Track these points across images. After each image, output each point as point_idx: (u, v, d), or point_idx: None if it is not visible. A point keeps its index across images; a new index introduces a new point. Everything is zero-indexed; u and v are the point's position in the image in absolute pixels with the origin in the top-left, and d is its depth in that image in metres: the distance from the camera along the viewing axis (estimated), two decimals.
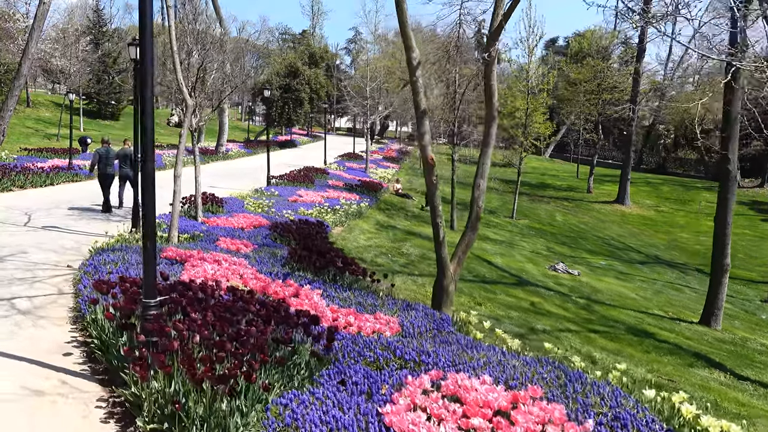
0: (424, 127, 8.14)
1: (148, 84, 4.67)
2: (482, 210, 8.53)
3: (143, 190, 4.77)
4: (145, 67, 4.59)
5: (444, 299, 8.31)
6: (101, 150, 15.52)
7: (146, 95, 4.73)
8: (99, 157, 15.32)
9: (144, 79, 4.64)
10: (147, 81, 4.64)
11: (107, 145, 16.00)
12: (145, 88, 4.71)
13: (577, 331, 10.37)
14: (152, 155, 4.81)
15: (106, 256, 8.64)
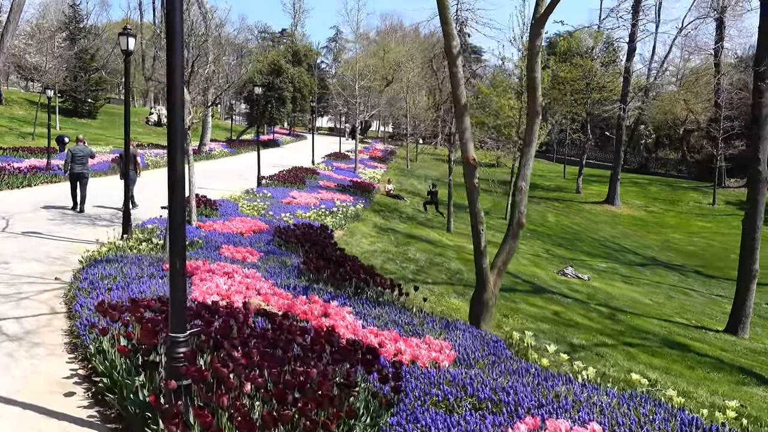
0: (465, 123, 7.31)
1: (176, 80, 3.77)
2: (524, 215, 7.73)
3: (170, 198, 3.86)
4: (173, 62, 3.70)
5: (484, 315, 7.48)
6: (74, 148, 14.69)
7: (175, 85, 3.83)
8: (72, 155, 14.46)
9: (172, 75, 3.75)
10: (175, 77, 3.74)
11: (82, 143, 15.17)
12: (174, 76, 3.80)
13: (613, 345, 9.62)
14: (181, 158, 3.90)
15: (101, 269, 7.65)
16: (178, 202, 3.84)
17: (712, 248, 32.23)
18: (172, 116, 3.85)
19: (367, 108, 36.09)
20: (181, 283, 3.84)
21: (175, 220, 3.83)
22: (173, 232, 3.84)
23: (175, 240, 3.81)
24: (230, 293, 6.74)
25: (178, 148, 3.86)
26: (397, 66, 47.77)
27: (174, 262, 3.81)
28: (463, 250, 18.14)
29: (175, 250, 3.82)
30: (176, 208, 3.83)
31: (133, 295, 6.42)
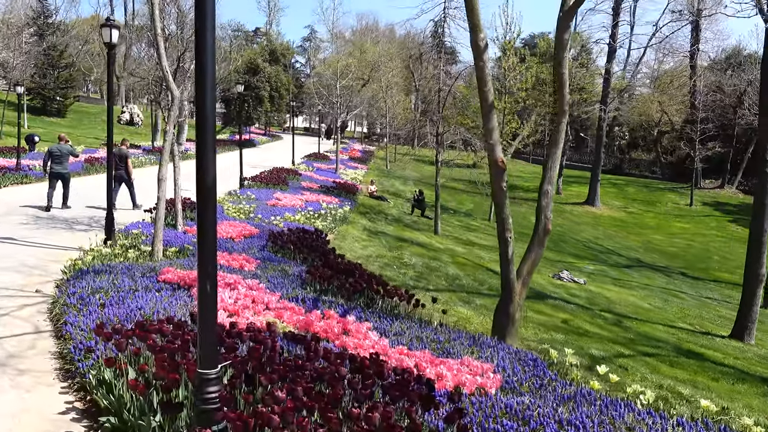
0: (492, 122, 6.78)
1: (207, 75, 3.17)
2: (551, 221, 7.23)
3: (200, 210, 3.24)
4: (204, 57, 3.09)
5: (509, 328, 6.97)
6: (53, 147, 14.32)
7: (206, 83, 3.22)
8: (50, 154, 14.12)
9: (203, 69, 3.14)
10: (206, 71, 3.14)
11: (63, 143, 14.67)
12: (205, 76, 3.19)
13: (631, 355, 9.21)
14: (212, 164, 3.30)
15: (90, 281, 6.93)
16: (210, 220, 3.22)
17: (692, 249, 32.34)
18: (203, 119, 3.24)
19: (349, 108, 35.42)
20: (212, 309, 3.23)
21: (206, 239, 3.21)
22: (204, 250, 3.21)
23: (205, 258, 3.19)
24: (238, 308, 6.10)
25: (208, 150, 3.25)
26: (374, 66, 47.23)
27: (204, 284, 3.19)
28: (456, 254, 17.67)
29: (206, 270, 3.20)
30: (207, 227, 3.21)
31: (130, 311, 5.75)
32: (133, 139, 35.95)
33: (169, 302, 6.19)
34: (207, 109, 3.23)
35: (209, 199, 3.24)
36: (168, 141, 10.10)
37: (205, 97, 3.23)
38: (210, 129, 3.26)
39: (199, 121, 3.25)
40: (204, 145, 3.24)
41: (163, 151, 10.12)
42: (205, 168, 3.23)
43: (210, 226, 3.22)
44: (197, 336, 3.22)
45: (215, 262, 3.25)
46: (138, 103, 55.21)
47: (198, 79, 3.21)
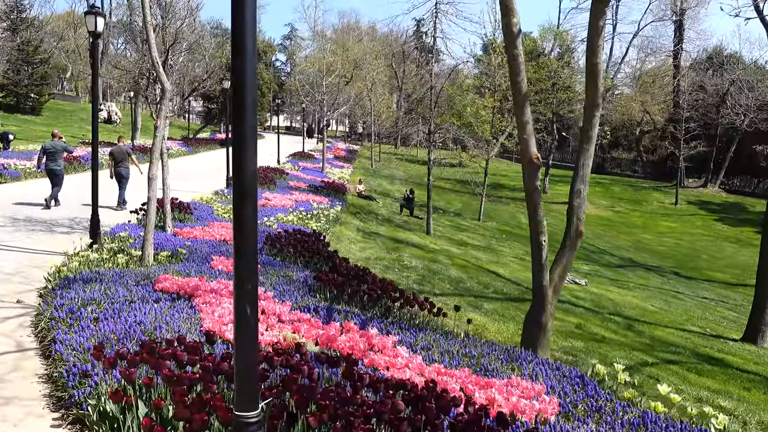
0: (526, 115, 6.23)
1: (247, 47, 2.57)
2: (583, 223, 6.70)
3: (238, 212, 2.64)
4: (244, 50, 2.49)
5: (541, 339, 6.43)
6: (47, 144, 14.01)
7: (246, 54, 2.60)
8: (44, 151, 13.85)
9: (243, 40, 2.53)
10: (246, 41, 2.53)
11: (57, 139, 14.28)
12: (245, 47, 2.58)
13: (655, 363, 8.73)
14: (253, 158, 2.69)
15: (79, 290, 6.24)
16: (250, 225, 2.61)
17: (681, 248, 32.24)
18: (241, 118, 2.63)
19: (334, 106, 34.75)
20: (252, 338, 2.61)
21: (245, 248, 2.60)
22: (242, 262, 2.60)
23: (243, 273, 2.58)
24: None
25: (248, 148, 2.63)
26: (357, 64, 46.59)
27: (242, 307, 2.58)
28: (453, 255, 17.14)
29: (244, 288, 2.59)
30: (247, 234, 2.60)
31: (129, 326, 5.09)
32: (112, 138, 34.89)
33: (171, 315, 5.54)
34: (247, 87, 2.62)
35: (248, 198, 2.63)
36: (159, 137, 9.40)
37: (245, 72, 2.61)
38: (250, 116, 2.65)
39: (238, 119, 2.65)
40: (242, 136, 2.63)
41: (153, 147, 9.41)
42: (245, 163, 2.62)
43: (250, 233, 2.61)
44: (234, 370, 2.60)
45: (256, 278, 2.64)
46: (116, 101, 53.93)
47: (237, 50, 2.60)
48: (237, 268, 2.63)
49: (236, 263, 2.63)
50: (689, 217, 39.84)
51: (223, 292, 6.41)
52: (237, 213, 2.64)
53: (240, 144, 2.64)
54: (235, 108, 2.64)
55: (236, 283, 2.63)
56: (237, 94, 2.61)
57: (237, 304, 2.63)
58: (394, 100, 67.47)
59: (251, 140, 2.66)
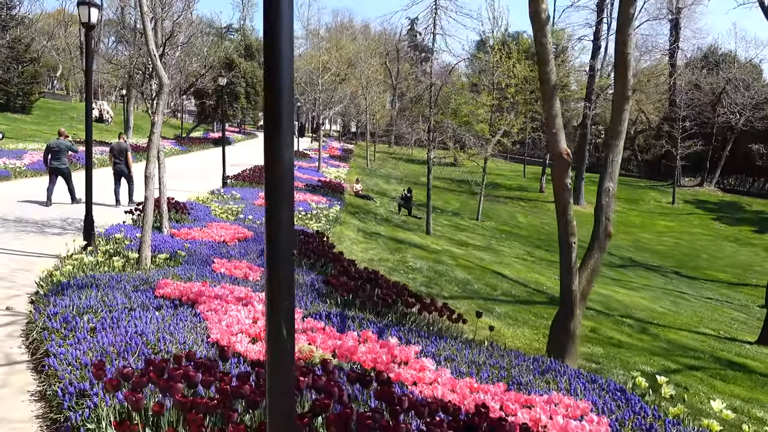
0: (555, 107, 5.83)
1: (283, 74, 2.12)
2: (612, 223, 6.32)
3: (271, 215, 2.19)
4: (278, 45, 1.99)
5: (569, 347, 6.04)
6: (52, 142, 14.02)
7: (281, 44, 2.14)
8: (49, 150, 13.90)
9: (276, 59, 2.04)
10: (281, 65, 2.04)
11: (62, 138, 14.24)
12: (280, 37, 2.12)
13: (678, 370, 8.38)
14: (288, 153, 2.24)
15: (73, 297, 5.78)
16: (286, 237, 2.18)
17: (680, 248, 32.00)
18: (273, 119, 2.18)
19: (330, 104, 34.31)
20: (288, 368, 2.18)
21: (282, 262, 2.17)
22: (277, 281, 2.17)
23: (281, 292, 2.15)
24: (260, 331, 5.05)
25: (284, 136, 2.19)
26: (351, 63, 46.15)
27: (277, 329, 2.14)
28: (456, 256, 16.75)
29: (279, 302, 2.16)
30: (283, 247, 2.17)
31: (129, 338, 4.65)
32: (104, 137, 34.30)
33: (174, 324, 5.10)
34: (284, 69, 2.18)
35: (284, 198, 2.20)
36: (156, 133, 8.95)
37: (280, 57, 2.17)
38: (286, 106, 2.21)
39: (272, 117, 2.20)
40: (278, 128, 2.19)
41: (151, 144, 8.96)
42: (280, 154, 2.18)
43: (286, 240, 2.18)
44: (266, 403, 2.17)
45: (293, 293, 2.21)
46: (107, 100, 53.26)
47: (270, 41, 2.15)
48: (271, 281, 2.19)
49: (270, 276, 2.19)
50: (687, 216, 39.65)
51: (229, 298, 5.97)
52: (271, 215, 2.20)
53: (274, 130, 2.21)
54: (268, 86, 2.20)
55: (270, 298, 2.19)
56: (272, 68, 2.18)
57: (271, 325, 2.19)
58: (387, 99, 67.06)
59: (287, 124, 2.24)
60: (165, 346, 4.55)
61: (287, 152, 2.25)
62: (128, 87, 35.98)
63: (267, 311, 2.24)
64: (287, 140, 2.24)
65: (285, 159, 2.24)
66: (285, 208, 2.22)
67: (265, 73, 2.29)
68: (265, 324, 2.27)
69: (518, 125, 29.91)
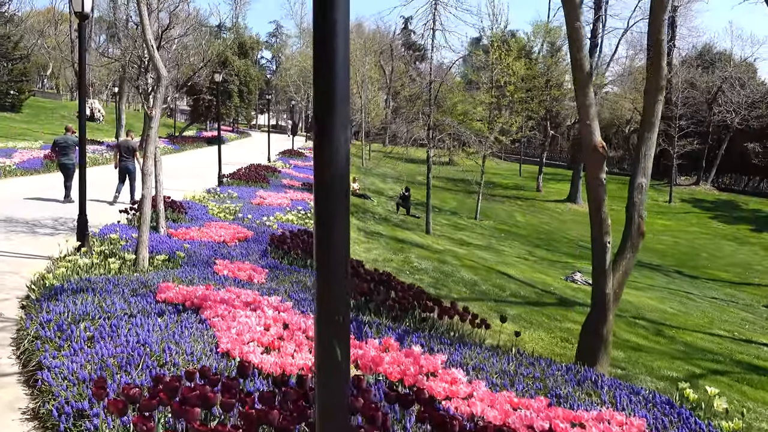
0: (589, 97, 5.44)
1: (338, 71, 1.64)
2: (644, 221, 5.94)
3: (321, 221, 1.79)
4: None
5: (601, 354, 5.66)
6: (59, 138, 14.15)
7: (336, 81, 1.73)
8: (56, 145, 14.09)
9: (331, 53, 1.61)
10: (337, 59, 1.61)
11: (69, 134, 14.12)
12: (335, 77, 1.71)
13: (702, 374, 8.03)
14: (344, 148, 1.82)
15: (68, 302, 5.34)
16: (340, 246, 1.77)
17: (680, 247, 31.76)
18: (327, 118, 1.77)
19: None
20: (343, 393, 1.78)
21: (335, 275, 1.77)
22: (330, 296, 1.77)
23: (334, 307, 1.75)
24: (273, 339, 4.63)
25: (338, 124, 1.78)
26: None
27: (330, 349, 1.75)
28: (459, 256, 16.37)
29: (334, 326, 1.76)
30: (337, 257, 1.77)
31: (131, 348, 4.22)
32: (95, 135, 33.71)
33: (179, 332, 4.68)
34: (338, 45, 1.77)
35: (338, 207, 1.79)
36: (154, 128, 8.50)
37: (335, 30, 1.76)
38: (339, 130, 1.80)
39: (325, 114, 1.79)
40: (332, 118, 1.78)
41: (148, 140, 8.52)
42: (335, 154, 1.77)
43: (340, 250, 1.78)
44: None
45: (347, 308, 1.80)
46: (99, 99, 52.58)
47: (323, 34, 1.74)
48: (322, 295, 1.79)
49: (320, 289, 1.79)
50: (684, 215, 39.47)
51: (236, 303, 5.56)
52: (322, 224, 1.80)
53: (328, 131, 1.79)
54: (320, 72, 1.79)
55: (321, 315, 1.79)
56: (325, 57, 1.77)
57: (321, 345, 1.79)
58: (382, 98, 66.66)
59: (342, 119, 1.82)
60: (171, 358, 4.13)
61: (340, 153, 1.83)
62: (120, 84, 35.41)
63: (317, 331, 1.84)
64: (344, 140, 1.82)
65: (339, 160, 1.82)
66: (339, 217, 1.81)
67: (317, 70, 1.85)
68: (315, 345, 1.87)
69: (517, 123, 29.55)
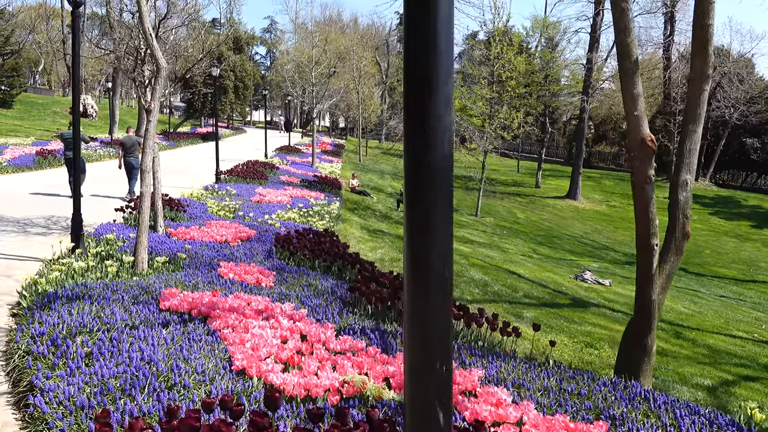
0: (637, 86, 4.97)
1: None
2: (689, 221, 5.51)
3: (415, 231, 1.31)
4: None
5: (644, 366, 5.22)
6: (65, 133, 14.25)
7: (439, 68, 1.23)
8: (63, 140, 14.32)
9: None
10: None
11: None
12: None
13: (735, 381, 7.61)
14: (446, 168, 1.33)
15: (62, 312, 4.85)
16: (441, 255, 1.31)
17: None
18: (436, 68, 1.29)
19: (325, 97, 33.32)
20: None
21: (434, 305, 1.30)
22: (419, 333, 1.30)
23: (429, 354, 1.29)
24: (291, 354, 4.16)
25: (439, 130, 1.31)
26: (341, 56, 45.13)
27: (428, 408, 1.30)
28: (466, 255, 15.93)
29: (429, 381, 1.30)
30: (439, 270, 1.30)
31: (135, 367, 3.75)
32: (88, 131, 33.05)
33: (188, 346, 4.20)
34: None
35: (440, 213, 1.32)
36: (153, 122, 8.00)
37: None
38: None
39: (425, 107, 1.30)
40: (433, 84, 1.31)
41: (147, 134, 8.02)
42: (430, 152, 1.30)
43: (442, 259, 1.31)
44: None
45: (450, 353, 1.34)
46: (92, 94, 51.84)
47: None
48: (415, 332, 1.34)
49: (412, 324, 1.35)
50: None
51: (246, 312, 5.09)
52: (416, 234, 1.34)
53: (425, 119, 1.32)
54: (416, 32, 1.31)
55: (413, 360, 1.34)
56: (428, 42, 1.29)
57: (414, 403, 1.34)
58: (378, 94, 66.10)
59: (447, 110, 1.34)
60: (180, 378, 3.66)
61: (443, 142, 1.37)
62: (113, 80, 34.77)
63: (409, 383, 1.38)
64: (444, 136, 1.36)
65: (443, 150, 1.36)
66: (441, 230, 1.35)
67: (409, 50, 1.38)
68: (407, 402, 1.41)
69: (518, 119, 29.08)
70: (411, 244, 1.31)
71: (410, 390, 1.31)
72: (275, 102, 79.41)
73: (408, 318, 1.31)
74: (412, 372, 1.32)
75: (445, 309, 1.31)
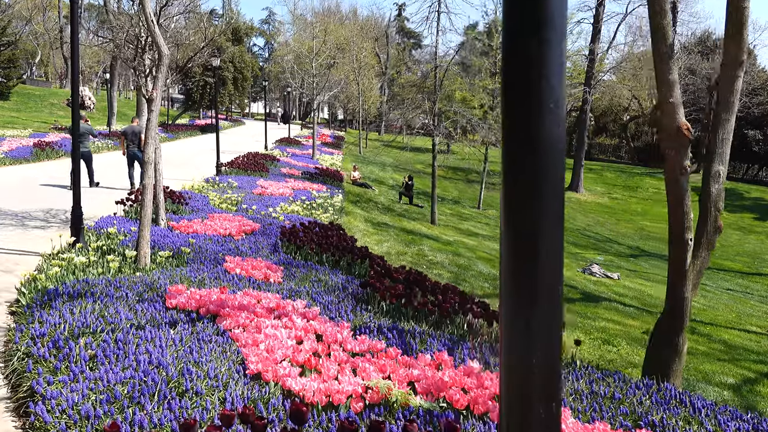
0: (673, 72, 4.69)
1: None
2: (721, 214, 5.26)
3: (511, 226, 1.04)
4: None
5: (675, 366, 4.97)
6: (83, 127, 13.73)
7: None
8: (70, 133, 13.93)
9: None
10: None
11: (82, 121, 13.60)
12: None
13: (754, 378, 7.40)
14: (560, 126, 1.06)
15: (63, 311, 4.60)
16: (554, 284, 1.04)
17: None
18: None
19: (325, 88, 32.96)
20: None
21: (542, 294, 1.04)
22: (518, 368, 1.04)
23: (530, 398, 1.03)
24: (308, 357, 3.91)
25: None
26: (340, 47, 44.72)
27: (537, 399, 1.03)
28: (471, 248, 15.71)
29: (535, 415, 1.03)
30: (551, 274, 1.04)
31: (142, 372, 3.50)
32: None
33: (197, 348, 3.96)
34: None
35: (552, 217, 1.06)
36: (155, 111, 7.73)
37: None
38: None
39: None
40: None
41: (149, 124, 7.75)
42: (541, 140, 1.03)
43: (553, 290, 1.05)
44: None
45: (559, 399, 1.08)
46: (89, 86, 51.42)
47: None
48: (512, 366, 1.09)
49: (509, 352, 1.08)
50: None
51: (258, 310, 4.84)
52: (518, 241, 1.07)
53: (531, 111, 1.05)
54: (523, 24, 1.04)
55: (510, 404, 1.08)
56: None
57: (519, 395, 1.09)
58: (377, 85, 65.72)
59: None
60: (192, 384, 3.41)
61: (557, 125, 1.10)
62: (111, 71, 34.40)
63: (506, 359, 1.12)
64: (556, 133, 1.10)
65: (556, 137, 1.10)
66: (553, 238, 1.09)
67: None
68: (501, 386, 1.15)
69: None
70: (513, 252, 1.05)
71: (508, 374, 1.06)
72: (273, 94, 78.99)
73: (506, 341, 1.05)
74: (509, 414, 1.06)
75: (554, 343, 1.05)
